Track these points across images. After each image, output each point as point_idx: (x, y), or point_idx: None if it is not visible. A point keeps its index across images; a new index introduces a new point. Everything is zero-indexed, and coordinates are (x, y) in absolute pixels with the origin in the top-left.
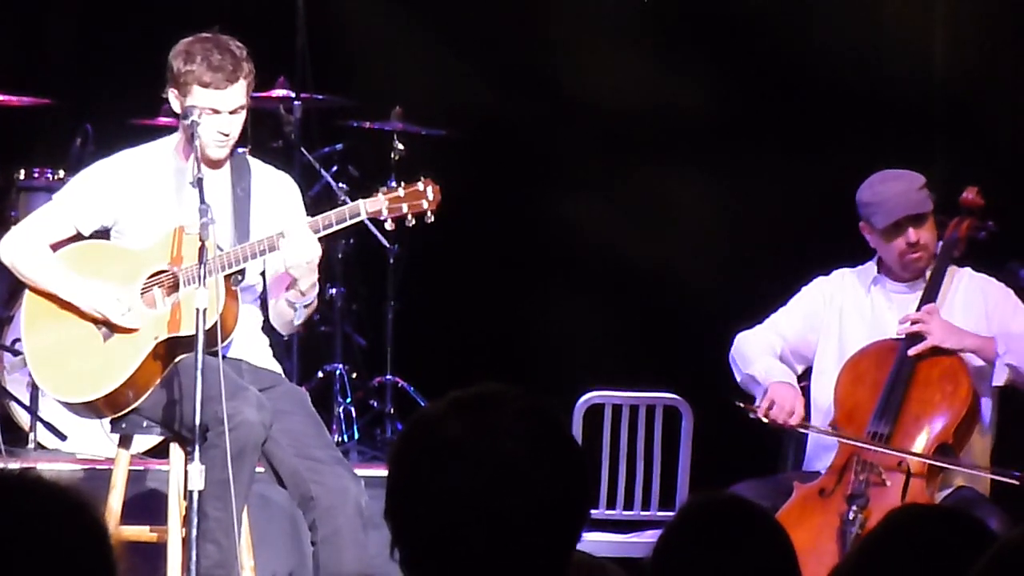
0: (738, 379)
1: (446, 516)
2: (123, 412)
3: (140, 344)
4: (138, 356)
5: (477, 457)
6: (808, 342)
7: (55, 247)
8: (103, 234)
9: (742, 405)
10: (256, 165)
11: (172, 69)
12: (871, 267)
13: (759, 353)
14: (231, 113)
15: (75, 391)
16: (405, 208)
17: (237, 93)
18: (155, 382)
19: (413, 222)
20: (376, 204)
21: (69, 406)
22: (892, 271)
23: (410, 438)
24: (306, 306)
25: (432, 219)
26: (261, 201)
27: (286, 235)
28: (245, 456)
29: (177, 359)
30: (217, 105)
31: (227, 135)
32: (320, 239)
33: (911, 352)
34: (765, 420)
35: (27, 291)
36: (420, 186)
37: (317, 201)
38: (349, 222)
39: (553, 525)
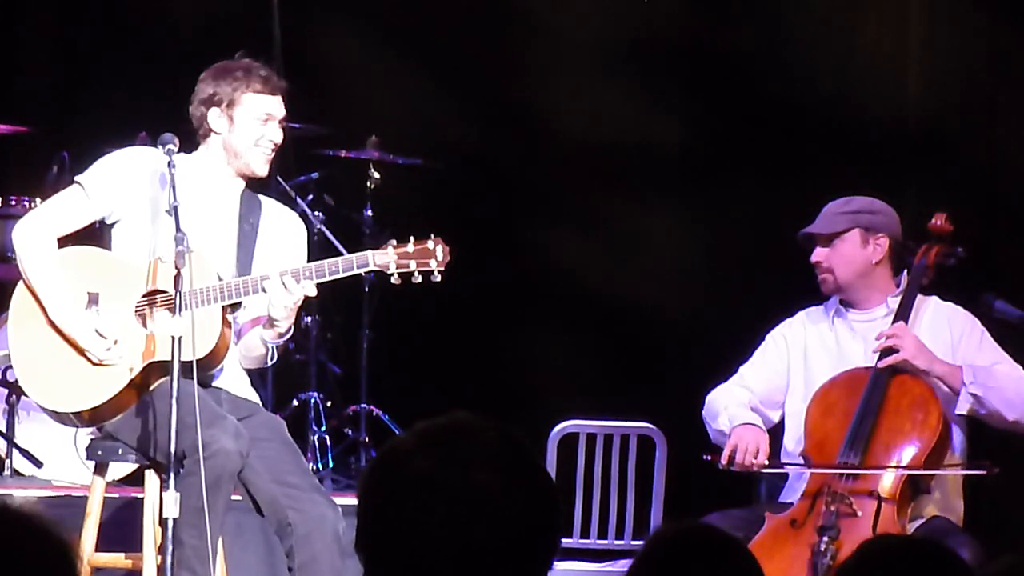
0: (711, 436)
1: (417, 549)
2: (101, 425)
3: (129, 364)
4: (126, 376)
5: (448, 490)
6: (778, 388)
7: (68, 238)
8: (104, 238)
9: (709, 458)
10: (267, 202)
11: (210, 89)
12: (834, 300)
13: (724, 406)
14: (276, 122)
15: (59, 401)
16: (413, 265)
17: (281, 104)
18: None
19: (420, 280)
20: (384, 257)
21: (50, 413)
22: (850, 302)
23: (379, 472)
24: (278, 346)
25: (439, 279)
26: (267, 238)
27: (272, 279)
28: (221, 484)
29: (155, 384)
30: (273, 111)
31: (277, 144)
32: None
33: (881, 364)
34: (734, 469)
35: (19, 285)
36: (430, 244)
37: None
38: (356, 271)
39: (525, 555)
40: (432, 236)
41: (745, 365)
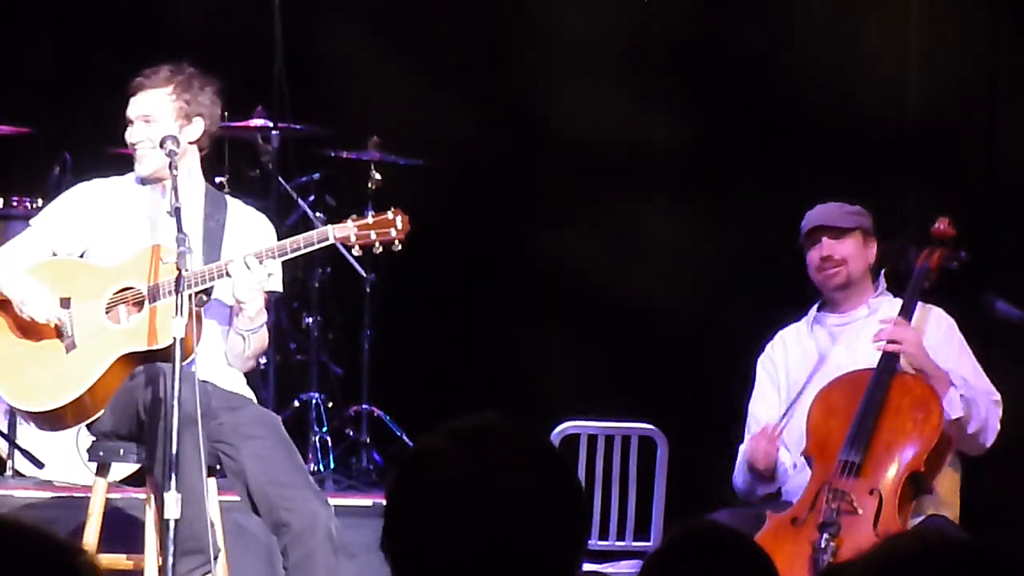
0: (742, 491)
1: (450, 551)
2: (83, 423)
3: (101, 357)
4: (98, 368)
5: (486, 495)
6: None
7: None
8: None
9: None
10: (233, 203)
11: None
12: (812, 310)
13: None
14: (137, 121)
15: (33, 400)
16: (373, 235)
17: (143, 101)
18: (113, 394)
19: (380, 250)
20: (344, 230)
21: (30, 415)
22: (830, 304)
23: (412, 474)
24: (254, 334)
25: (400, 248)
26: (235, 236)
27: (235, 261)
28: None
29: (128, 376)
30: (128, 112)
31: (135, 144)
32: (294, 265)
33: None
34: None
35: None
36: (390, 215)
37: (294, 230)
38: (317, 246)
39: (555, 557)
40: (392, 208)
41: (751, 403)
